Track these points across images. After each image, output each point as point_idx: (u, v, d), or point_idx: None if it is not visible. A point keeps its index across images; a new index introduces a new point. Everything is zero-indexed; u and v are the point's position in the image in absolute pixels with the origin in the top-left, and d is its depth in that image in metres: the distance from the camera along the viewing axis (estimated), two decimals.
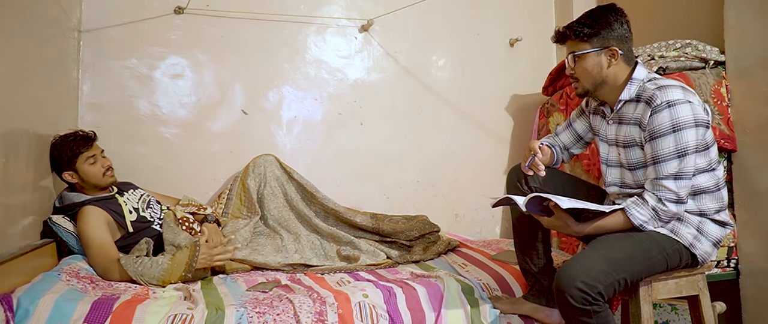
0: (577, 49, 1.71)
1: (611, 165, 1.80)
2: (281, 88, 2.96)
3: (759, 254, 2.20)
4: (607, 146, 1.81)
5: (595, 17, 1.70)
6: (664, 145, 1.57)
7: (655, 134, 1.58)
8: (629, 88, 1.68)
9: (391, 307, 1.81)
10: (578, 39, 1.70)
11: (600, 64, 1.69)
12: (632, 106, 1.68)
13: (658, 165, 1.59)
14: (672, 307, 2.16)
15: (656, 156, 1.59)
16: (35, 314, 1.51)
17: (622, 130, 1.71)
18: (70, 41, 2.49)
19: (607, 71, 1.69)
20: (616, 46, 1.68)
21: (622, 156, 1.73)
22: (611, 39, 1.69)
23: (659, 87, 1.61)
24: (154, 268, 1.95)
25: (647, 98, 1.61)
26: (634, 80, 1.68)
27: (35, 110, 2.06)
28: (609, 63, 1.69)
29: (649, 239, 1.62)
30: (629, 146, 1.69)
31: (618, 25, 1.70)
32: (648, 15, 3.00)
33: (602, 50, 1.69)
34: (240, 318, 1.64)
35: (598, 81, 1.71)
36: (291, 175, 2.71)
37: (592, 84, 1.73)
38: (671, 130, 1.56)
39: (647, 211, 1.61)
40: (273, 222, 2.60)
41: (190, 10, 2.75)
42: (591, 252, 1.56)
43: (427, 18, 3.17)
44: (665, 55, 2.44)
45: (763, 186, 2.19)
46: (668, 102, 1.56)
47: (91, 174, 2.17)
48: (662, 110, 1.57)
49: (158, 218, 2.33)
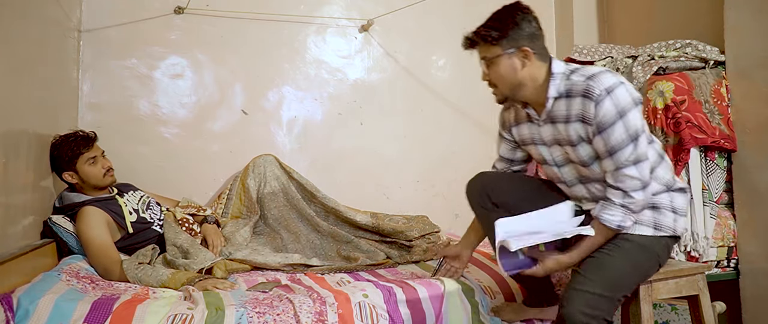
0: (488, 54, 1.64)
1: (561, 164, 1.72)
2: (281, 88, 2.96)
3: (759, 254, 2.20)
4: (546, 148, 1.73)
5: (502, 19, 1.63)
6: (616, 133, 1.51)
7: (603, 126, 1.52)
8: (554, 84, 1.60)
9: (391, 307, 1.81)
10: (487, 43, 1.63)
11: (514, 67, 1.61)
12: (564, 103, 1.60)
13: (614, 155, 1.53)
14: (672, 307, 2.16)
15: (611, 147, 1.53)
16: (35, 314, 1.51)
17: (560, 129, 1.64)
18: (70, 41, 2.49)
19: (522, 73, 1.61)
20: (528, 46, 1.60)
21: (571, 154, 1.66)
22: (521, 39, 1.61)
23: (589, 77, 1.55)
24: (152, 279, 1.96)
25: (583, 91, 1.54)
26: (555, 75, 1.61)
27: (35, 110, 2.06)
28: (523, 64, 1.61)
29: (637, 247, 1.58)
30: (577, 144, 1.62)
31: (526, 23, 1.63)
32: (648, 15, 3.00)
33: (514, 52, 1.61)
34: (240, 318, 1.64)
35: (515, 84, 1.63)
36: (291, 174, 2.71)
37: (509, 88, 1.65)
38: (618, 117, 1.50)
39: (618, 211, 1.55)
40: (273, 221, 2.60)
41: (190, 10, 2.75)
42: (587, 280, 1.52)
43: (427, 18, 3.17)
44: (665, 55, 2.44)
45: (763, 186, 2.19)
46: (606, 89, 1.51)
47: (92, 175, 2.17)
48: (604, 100, 1.50)
49: (158, 219, 2.33)
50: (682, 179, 2.23)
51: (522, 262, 1.59)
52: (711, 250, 2.25)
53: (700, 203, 2.23)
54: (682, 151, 2.20)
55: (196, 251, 2.16)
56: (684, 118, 2.22)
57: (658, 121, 2.27)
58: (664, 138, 2.26)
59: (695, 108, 2.26)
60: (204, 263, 2.09)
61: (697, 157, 2.25)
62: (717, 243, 2.26)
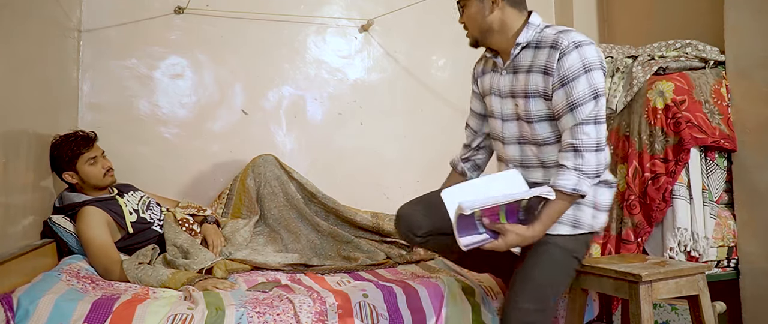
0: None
1: (507, 119, 1.69)
2: (281, 88, 2.96)
3: (759, 254, 2.20)
4: (500, 100, 1.70)
5: None
6: (579, 87, 1.49)
7: (567, 78, 1.50)
8: (526, 33, 1.60)
9: (391, 307, 1.81)
10: None
11: (482, 11, 1.61)
12: (530, 53, 1.60)
13: (575, 110, 1.50)
14: (672, 307, 2.16)
15: (573, 100, 1.50)
16: (35, 314, 1.51)
17: (520, 79, 1.62)
18: (70, 41, 2.49)
19: (491, 17, 1.61)
20: None
21: (520, 108, 1.63)
22: None
23: (561, 31, 1.55)
24: (152, 279, 1.96)
25: (551, 42, 1.54)
26: (529, 25, 1.61)
27: (35, 110, 2.06)
28: (491, 9, 1.61)
29: (560, 251, 1.59)
30: (531, 97, 1.59)
31: None
32: (648, 15, 3.00)
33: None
34: (240, 318, 1.64)
35: (485, 28, 1.63)
36: (291, 174, 2.71)
37: (479, 31, 1.65)
38: (584, 71, 1.49)
39: (571, 174, 1.50)
40: (273, 221, 2.60)
41: (190, 10, 2.75)
42: (518, 293, 1.56)
43: (427, 18, 3.17)
44: (665, 55, 2.44)
45: (763, 186, 2.19)
46: (575, 43, 1.50)
47: (92, 175, 2.17)
48: (571, 52, 1.50)
49: (158, 220, 2.33)
50: (682, 179, 2.23)
51: (482, 237, 1.50)
52: (711, 250, 2.25)
53: (700, 203, 2.23)
54: (682, 151, 2.20)
55: (196, 251, 2.16)
56: (684, 118, 2.22)
57: (658, 121, 2.27)
58: (664, 138, 2.26)
59: (695, 108, 2.26)
60: (204, 263, 2.09)
61: (697, 157, 2.25)
62: (717, 243, 2.26)
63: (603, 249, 2.41)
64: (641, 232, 2.28)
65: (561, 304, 2.04)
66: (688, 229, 2.20)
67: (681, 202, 2.21)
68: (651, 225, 2.27)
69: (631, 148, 2.35)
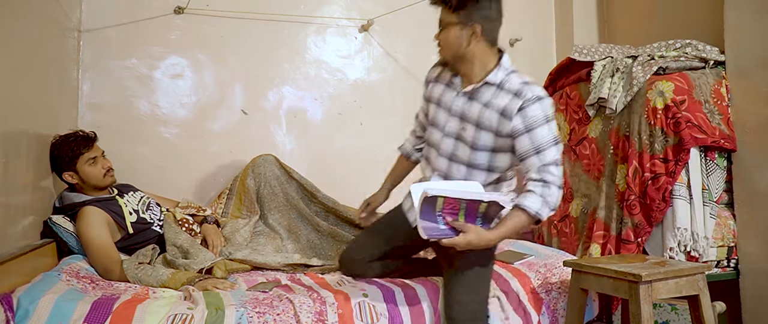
0: (444, 19, 1.76)
1: (448, 135, 1.82)
2: (281, 88, 2.96)
3: (759, 254, 2.20)
4: (447, 115, 1.81)
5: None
6: (543, 134, 1.66)
7: (532, 126, 1.66)
8: (496, 73, 1.73)
9: (390, 307, 1.81)
10: (447, 8, 1.74)
11: (461, 39, 1.73)
12: (491, 91, 1.73)
13: (541, 153, 1.66)
14: (672, 307, 2.16)
15: (539, 145, 1.66)
16: (35, 314, 1.51)
17: (474, 108, 1.75)
18: (70, 41, 2.49)
19: (467, 48, 1.73)
20: (480, 25, 1.71)
21: (467, 133, 1.76)
22: (476, 17, 1.71)
23: (525, 82, 1.71)
24: (152, 279, 1.96)
25: (515, 90, 1.69)
26: (501, 67, 1.75)
27: (35, 110, 2.06)
28: (469, 41, 1.72)
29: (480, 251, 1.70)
30: (483, 129, 1.73)
31: (487, 5, 1.73)
32: (648, 15, 3.00)
33: (466, 26, 1.71)
34: (240, 318, 1.64)
35: (458, 55, 1.75)
36: (291, 174, 2.71)
37: (452, 55, 1.77)
38: (545, 121, 1.67)
39: (537, 199, 1.64)
40: (273, 221, 2.60)
41: (190, 10, 2.75)
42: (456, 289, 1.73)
43: (427, 18, 3.14)
44: (665, 55, 2.44)
45: (763, 186, 2.19)
46: (538, 96, 1.67)
47: (92, 175, 2.17)
48: (534, 103, 1.66)
49: (158, 220, 2.33)
50: (682, 179, 2.23)
51: (443, 231, 1.60)
52: (711, 250, 2.25)
53: (700, 203, 2.23)
54: (682, 151, 2.20)
55: (196, 251, 2.16)
56: (684, 118, 2.22)
57: (658, 121, 2.27)
58: (664, 138, 2.26)
59: (695, 108, 2.26)
60: (204, 263, 2.09)
61: (697, 157, 2.25)
62: (717, 243, 2.26)
63: (603, 249, 2.41)
64: (641, 232, 2.28)
65: (561, 304, 2.04)
66: (688, 229, 2.20)
67: (681, 202, 2.21)
68: (651, 225, 2.27)
69: (631, 148, 2.35)
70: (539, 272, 2.11)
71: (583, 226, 2.64)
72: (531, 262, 2.20)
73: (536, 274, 2.09)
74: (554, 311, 2.03)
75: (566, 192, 2.83)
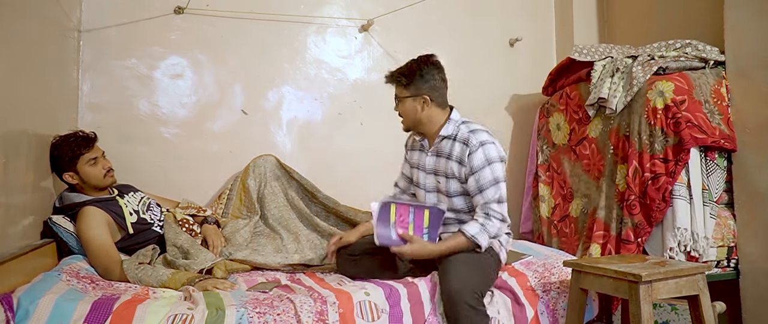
0: (399, 94, 2.09)
1: (429, 191, 2.14)
2: (281, 88, 2.96)
3: (759, 254, 2.20)
4: (424, 174, 2.14)
5: (412, 70, 2.05)
6: (484, 176, 1.96)
7: (475, 169, 1.96)
8: (447, 127, 2.06)
9: (392, 304, 1.82)
10: (400, 85, 2.07)
11: (415, 108, 2.06)
12: (449, 143, 2.06)
13: (483, 192, 1.96)
14: (672, 307, 2.16)
15: (480, 186, 1.96)
16: (35, 314, 1.51)
17: (441, 163, 2.07)
18: (70, 41, 2.49)
19: (421, 114, 2.06)
20: (428, 95, 2.04)
21: (441, 184, 2.08)
22: (424, 88, 2.04)
23: (471, 131, 2.02)
24: (152, 279, 1.96)
25: (463, 139, 2.01)
26: (451, 121, 2.08)
27: (35, 110, 2.06)
28: (422, 108, 2.05)
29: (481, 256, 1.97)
30: (450, 178, 2.05)
31: (430, 76, 2.05)
32: (648, 15, 3.00)
33: (417, 97, 2.05)
34: (240, 318, 1.64)
35: (416, 120, 2.08)
36: (291, 174, 2.71)
37: (411, 122, 2.10)
38: (486, 164, 1.96)
39: (477, 226, 1.93)
40: (273, 221, 2.60)
41: (190, 10, 2.75)
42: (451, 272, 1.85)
43: (427, 18, 3.17)
44: (665, 55, 2.44)
45: (763, 186, 2.19)
46: (481, 142, 1.98)
47: (92, 175, 2.17)
48: (477, 150, 1.97)
49: (158, 220, 2.33)
50: (682, 179, 2.23)
51: (394, 240, 1.95)
52: (711, 250, 2.25)
53: (700, 203, 2.23)
54: (682, 151, 2.20)
55: (196, 251, 2.16)
56: (684, 118, 2.22)
57: (658, 121, 2.27)
58: (664, 138, 2.26)
59: (695, 108, 2.26)
60: (204, 263, 2.09)
61: (697, 157, 2.25)
62: (717, 243, 2.26)
63: (603, 249, 2.41)
64: (641, 232, 2.28)
65: (561, 303, 2.04)
66: (688, 229, 2.20)
67: (681, 202, 2.22)
68: (651, 225, 2.27)
69: (631, 148, 2.35)
70: (537, 271, 2.11)
71: (583, 226, 2.64)
72: (530, 262, 2.20)
73: (534, 273, 2.09)
74: (554, 311, 2.03)
75: (566, 192, 2.83)
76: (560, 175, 2.88)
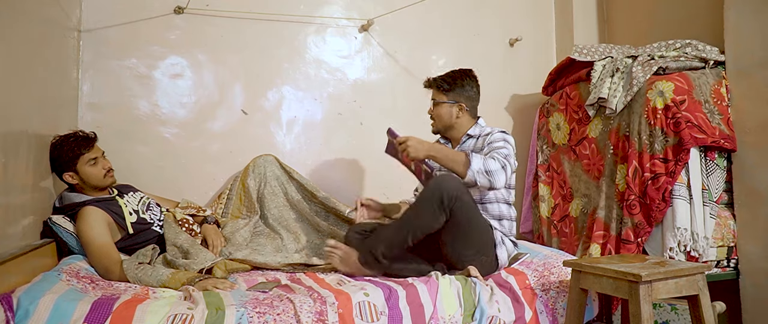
0: (437, 98, 2.28)
1: None
2: (281, 88, 2.96)
3: (759, 254, 2.20)
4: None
5: (454, 78, 2.27)
6: (498, 144, 2.11)
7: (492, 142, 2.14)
8: (475, 128, 2.27)
9: (391, 305, 1.81)
10: (440, 90, 2.27)
11: (450, 114, 2.27)
12: (473, 141, 2.26)
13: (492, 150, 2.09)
14: (672, 307, 2.16)
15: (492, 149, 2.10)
16: (35, 314, 1.51)
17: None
18: (70, 41, 2.49)
19: (455, 120, 2.27)
20: (465, 103, 2.26)
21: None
22: (462, 97, 2.26)
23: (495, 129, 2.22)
24: (152, 279, 1.96)
25: (486, 133, 2.22)
26: (478, 124, 2.29)
27: (35, 110, 2.06)
28: (457, 115, 2.27)
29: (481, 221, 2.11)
30: None
31: (469, 87, 2.28)
32: (648, 15, 3.00)
33: (454, 104, 2.26)
34: (240, 318, 1.64)
35: (448, 125, 2.29)
36: (291, 174, 2.71)
37: (443, 126, 2.30)
38: (502, 140, 2.14)
39: (479, 160, 2.01)
40: (273, 221, 2.60)
41: (190, 10, 2.75)
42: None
43: (427, 18, 3.17)
44: (665, 55, 2.44)
45: (763, 186, 2.19)
46: (501, 130, 2.20)
47: (92, 175, 2.17)
48: (496, 133, 2.18)
49: (158, 220, 2.33)
50: (681, 179, 2.23)
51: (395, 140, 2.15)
52: (711, 250, 2.25)
53: (700, 203, 2.23)
54: (682, 151, 2.20)
55: (196, 251, 2.16)
56: (684, 118, 2.22)
57: (658, 121, 2.27)
58: (664, 138, 2.26)
59: (695, 108, 2.26)
60: (204, 263, 2.08)
61: (697, 157, 2.25)
62: (717, 243, 2.26)
63: (603, 249, 2.41)
64: (641, 232, 2.28)
65: (561, 303, 2.04)
66: (688, 229, 2.20)
67: (681, 202, 2.22)
68: (651, 225, 2.27)
69: (631, 148, 2.35)
70: (537, 271, 2.11)
71: (583, 226, 2.64)
72: (529, 262, 2.21)
73: (533, 273, 2.09)
74: (554, 311, 2.03)
75: (566, 192, 2.83)
76: (560, 175, 2.88)
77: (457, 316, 1.88)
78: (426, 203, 1.98)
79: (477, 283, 1.96)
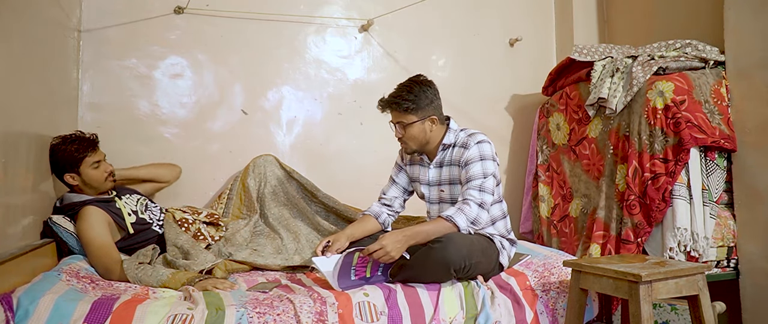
0: (404, 120, 2.08)
1: (433, 202, 2.19)
2: (281, 88, 2.96)
3: (759, 254, 2.20)
4: (428, 187, 2.19)
5: (414, 93, 2.05)
6: (474, 169, 2.01)
7: (468, 162, 2.03)
8: (448, 136, 2.13)
9: (390, 306, 1.81)
10: (406, 111, 2.06)
11: (424, 131, 2.10)
12: (450, 151, 2.13)
13: (469, 182, 2.01)
14: (672, 307, 2.16)
15: (469, 177, 2.02)
16: (35, 314, 1.51)
17: (444, 171, 2.14)
18: (70, 41, 2.49)
19: (430, 134, 2.11)
20: (435, 114, 2.10)
21: (444, 193, 2.14)
22: (430, 109, 2.08)
23: (470, 134, 2.11)
24: (152, 279, 1.96)
25: (462, 143, 2.09)
26: (451, 130, 2.14)
27: (35, 110, 2.06)
28: (431, 128, 2.11)
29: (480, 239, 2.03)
30: (454, 183, 2.11)
31: (432, 95, 2.09)
32: (648, 15, 3.00)
33: (425, 120, 2.08)
34: (240, 318, 1.64)
35: (424, 142, 2.12)
36: (291, 174, 2.71)
37: (419, 145, 2.13)
38: (479, 159, 2.03)
39: (453, 209, 1.98)
40: (273, 221, 2.60)
41: (190, 10, 2.75)
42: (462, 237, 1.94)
43: (427, 18, 3.17)
44: (665, 55, 2.44)
45: (763, 186, 2.19)
46: (477, 142, 2.05)
47: (94, 178, 2.18)
48: (472, 147, 2.04)
49: (158, 220, 2.33)
50: (681, 179, 2.23)
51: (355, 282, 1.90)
52: (711, 250, 2.25)
53: (700, 203, 2.23)
54: (682, 151, 2.20)
55: (196, 252, 2.16)
56: (684, 118, 2.22)
57: (658, 121, 2.27)
58: (664, 138, 2.26)
59: (695, 108, 2.26)
60: (204, 264, 2.09)
61: (697, 157, 2.25)
62: (717, 243, 2.26)
63: (603, 249, 2.41)
64: (641, 232, 2.28)
65: (561, 303, 2.04)
66: (688, 229, 2.20)
67: (681, 202, 2.22)
68: (651, 225, 2.27)
69: (631, 148, 2.35)
70: (537, 271, 2.11)
71: (583, 226, 2.64)
72: (529, 262, 2.20)
73: (533, 273, 2.09)
74: (554, 311, 2.03)
75: (566, 192, 2.83)
76: (560, 175, 2.88)
77: (459, 318, 1.88)
78: (435, 269, 1.91)
79: (480, 286, 1.96)
